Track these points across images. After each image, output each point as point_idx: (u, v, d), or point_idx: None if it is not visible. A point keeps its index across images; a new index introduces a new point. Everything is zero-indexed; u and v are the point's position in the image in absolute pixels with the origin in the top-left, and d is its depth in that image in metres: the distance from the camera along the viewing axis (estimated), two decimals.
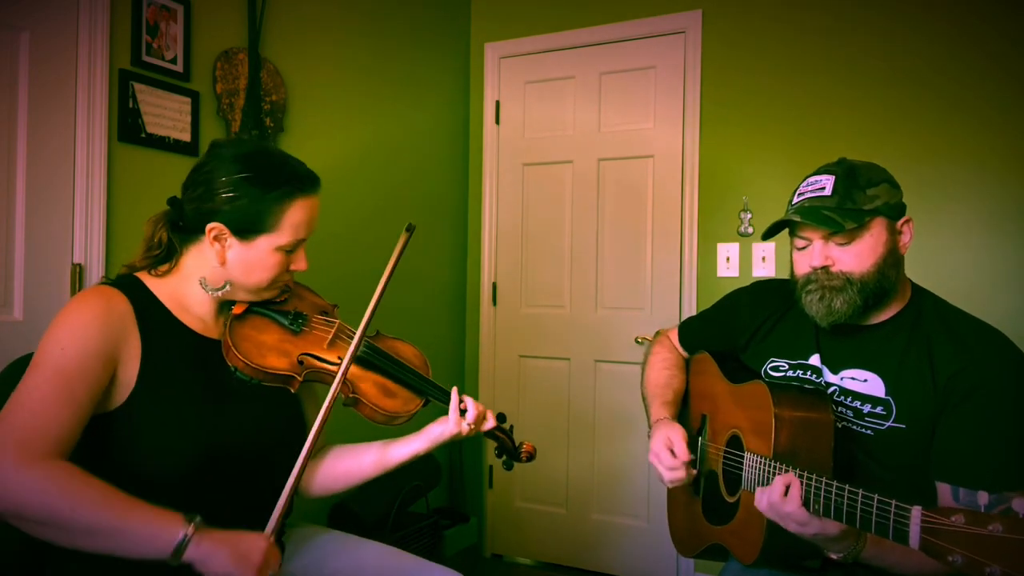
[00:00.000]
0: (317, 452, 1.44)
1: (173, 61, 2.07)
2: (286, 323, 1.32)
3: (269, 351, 1.26)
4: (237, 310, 1.29)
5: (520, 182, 3.32)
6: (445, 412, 1.37)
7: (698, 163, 2.94)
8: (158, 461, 1.16)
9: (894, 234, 1.32)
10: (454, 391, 1.37)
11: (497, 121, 3.36)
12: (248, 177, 1.20)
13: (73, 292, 1.87)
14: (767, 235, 1.39)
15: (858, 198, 1.29)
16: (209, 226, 1.20)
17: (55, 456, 1.04)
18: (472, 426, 1.35)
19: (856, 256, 1.29)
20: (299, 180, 1.24)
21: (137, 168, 2.00)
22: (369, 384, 1.33)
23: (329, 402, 1.22)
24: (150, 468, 1.15)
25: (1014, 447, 1.19)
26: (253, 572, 1.06)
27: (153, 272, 1.26)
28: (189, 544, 1.03)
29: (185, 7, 2.10)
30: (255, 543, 1.09)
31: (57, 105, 1.85)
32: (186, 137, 2.11)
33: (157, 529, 1.03)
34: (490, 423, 1.39)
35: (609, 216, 3.14)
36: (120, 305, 1.17)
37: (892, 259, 1.31)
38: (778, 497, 1.14)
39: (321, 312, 1.39)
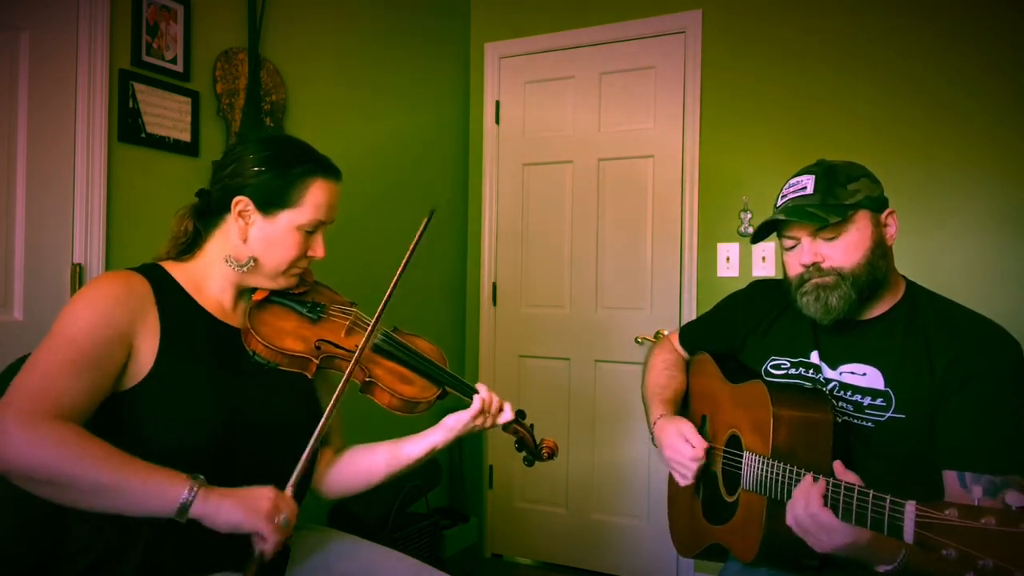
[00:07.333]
0: (337, 451, 1.44)
1: (173, 61, 2.08)
2: (304, 311, 1.35)
3: (287, 335, 1.30)
4: (257, 297, 1.33)
5: (520, 182, 3.32)
6: (463, 406, 1.36)
7: (698, 163, 2.94)
8: (179, 435, 1.17)
9: (879, 226, 1.35)
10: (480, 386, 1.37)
11: (497, 121, 3.36)
12: (274, 155, 1.28)
13: (73, 292, 1.87)
14: (756, 239, 1.41)
15: (839, 194, 1.32)
16: (235, 199, 1.26)
17: (62, 420, 1.04)
18: (490, 417, 1.35)
19: (844, 250, 1.32)
20: (322, 163, 1.32)
21: (137, 168, 2.00)
22: (385, 371, 1.34)
23: (345, 380, 1.24)
24: (169, 444, 1.15)
25: (1013, 429, 1.20)
26: (263, 518, 1.07)
27: (176, 259, 1.31)
28: (195, 500, 1.04)
29: (185, 7, 2.10)
30: (261, 492, 1.10)
31: (57, 105, 1.85)
32: (186, 137, 2.11)
33: (162, 486, 1.04)
34: (507, 415, 1.38)
35: (609, 216, 3.15)
36: (138, 284, 1.21)
37: (880, 251, 1.34)
38: (802, 504, 1.11)
39: (338, 305, 1.42)
